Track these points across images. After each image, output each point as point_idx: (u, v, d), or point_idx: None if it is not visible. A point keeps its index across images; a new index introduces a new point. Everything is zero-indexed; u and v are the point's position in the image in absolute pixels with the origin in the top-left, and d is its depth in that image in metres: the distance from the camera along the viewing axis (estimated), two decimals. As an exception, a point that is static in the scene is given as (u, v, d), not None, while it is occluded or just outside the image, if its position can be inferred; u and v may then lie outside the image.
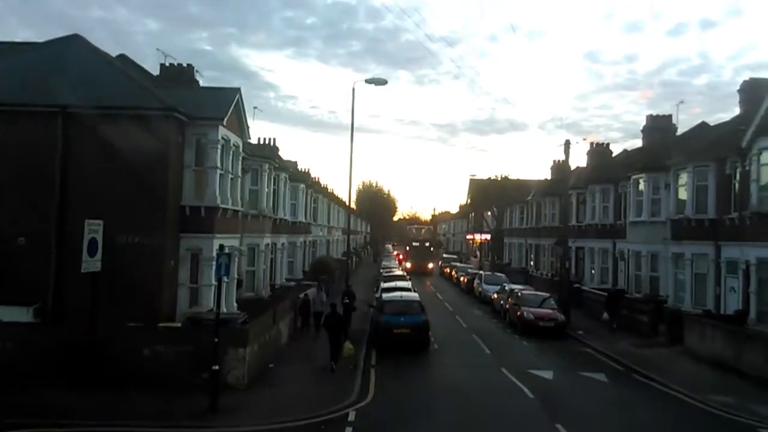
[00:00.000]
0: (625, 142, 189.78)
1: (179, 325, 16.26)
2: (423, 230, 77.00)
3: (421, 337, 20.71)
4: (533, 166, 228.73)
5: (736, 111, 28.57)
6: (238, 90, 19.88)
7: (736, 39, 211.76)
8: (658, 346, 22.17)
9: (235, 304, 20.90)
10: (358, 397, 14.51)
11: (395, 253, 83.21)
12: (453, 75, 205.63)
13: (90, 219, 14.57)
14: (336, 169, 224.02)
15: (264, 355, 16.84)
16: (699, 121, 38.79)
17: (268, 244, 27.34)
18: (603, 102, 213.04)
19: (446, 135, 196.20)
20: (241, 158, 21.11)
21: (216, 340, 13.09)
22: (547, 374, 17.58)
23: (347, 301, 22.93)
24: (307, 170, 52.55)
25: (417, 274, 55.50)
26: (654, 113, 36.20)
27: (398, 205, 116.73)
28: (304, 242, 40.24)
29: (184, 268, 18.08)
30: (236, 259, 20.89)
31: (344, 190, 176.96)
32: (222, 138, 18.75)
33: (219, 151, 18.58)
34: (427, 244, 65.97)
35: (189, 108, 18.21)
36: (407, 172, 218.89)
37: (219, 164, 18.63)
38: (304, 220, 38.78)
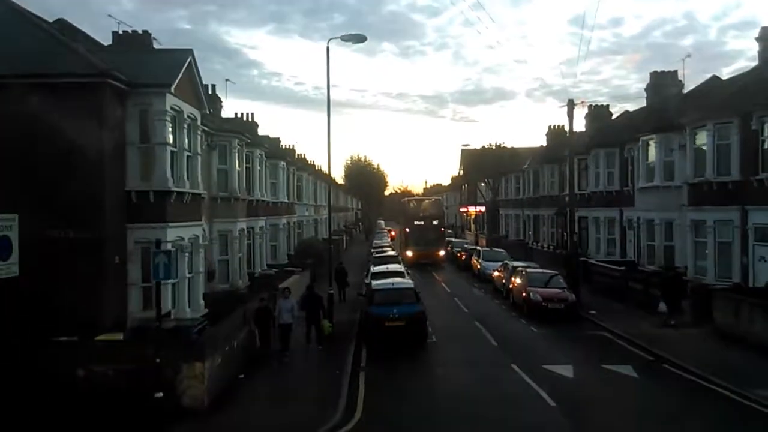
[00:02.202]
0: (614, 107, 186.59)
1: (122, 336, 13.49)
2: (426, 202, 51.36)
3: (417, 330, 18.04)
4: (524, 135, 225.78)
5: (726, 71, 25.85)
6: (189, 51, 16.82)
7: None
8: (684, 327, 19.67)
9: (202, 302, 18.15)
10: (344, 416, 11.86)
11: (388, 229, 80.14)
12: (437, 46, 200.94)
13: (2, 212, 11.75)
14: (323, 145, 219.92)
15: (232, 365, 14.17)
16: (690, 82, 35.55)
17: (242, 230, 24.52)
18: (590, 67, 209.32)
19: (434, 107, 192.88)
20: (200, 133, 18.17)
21: (158, 360, 10.36)
22: (566, 371, 14.99)
23: (331, 291, 20.32)
24: (291, 147, 49.56)
25: (423, 265, 40.85)
26: (658, 70, 33.27)
27: (389, 179, 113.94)
28: (288, 224, 37.40)
29: (134, 264, 15.25)
30: (201, 251, 18.10)
31: (329, 162, 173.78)
32: (171, 108, 15.79)
33: (168, 124, 15.63)
34: (435, 222, 45.97)
35: (131, 74, 15.22)
36: (397, 146, 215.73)
37: (169, 139, 15.69)
38: (286, 200, 35.92)
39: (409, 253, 43.24)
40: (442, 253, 44.35)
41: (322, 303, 18.38)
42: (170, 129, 15.95)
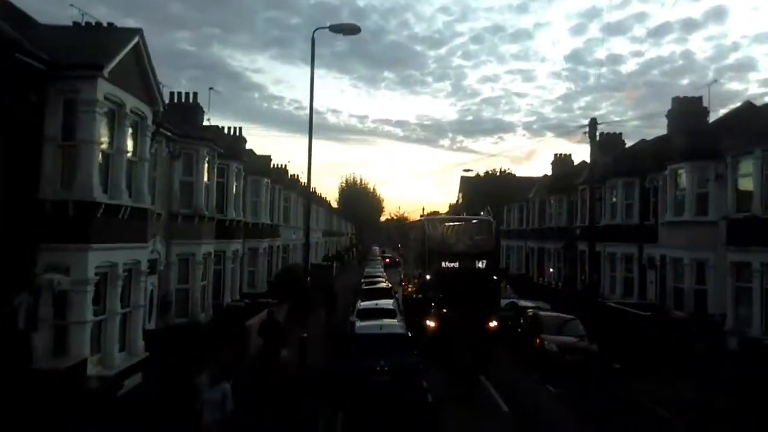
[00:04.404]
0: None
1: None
2: (464, 225, 26.66)
3: (409, 388, 14.30)
4: (522, 166, 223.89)
5: (723, 111, 22.86)
6: (137, 31, 13.50)
7: (718, 41, 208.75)
8: (734, 394, 16.05)
9: (141, 343, 14.52)
10: None
11: (384, 257, 76.42)
12: (438, 76, 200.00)
13: None
14: (320, 169, 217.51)
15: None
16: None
17: (209, 253, 21.03)
18: (587, 103, 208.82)
19: (433, 135, 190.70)
20: (149, 134, 14.76)
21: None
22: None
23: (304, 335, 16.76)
24: (282, 166, 46.30)
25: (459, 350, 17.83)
26: (681, 95, 30.22)
27: (385, 204, 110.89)
28: (270, 248, 33.91)
29: (44, 297, 11.67)
30: (142, 279, 14.57)
31: (327, 189, 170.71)
32: (106, 98, 12.42)
33: (100, 118, 12.23)
34: (482, 263, 24.12)
35: (56, 54, 11.91)
36: (394, 173, 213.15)
37: (100, 138, 12.28)
38: (269, 222, 32.48)
39: (431, 323, 21.93)
40: (493, 323, 22.63)
41: (280, 330, 17.29)
42: (104, 125, 12.55)
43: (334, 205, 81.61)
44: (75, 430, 9.25)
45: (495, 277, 23.80)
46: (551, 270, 40.75)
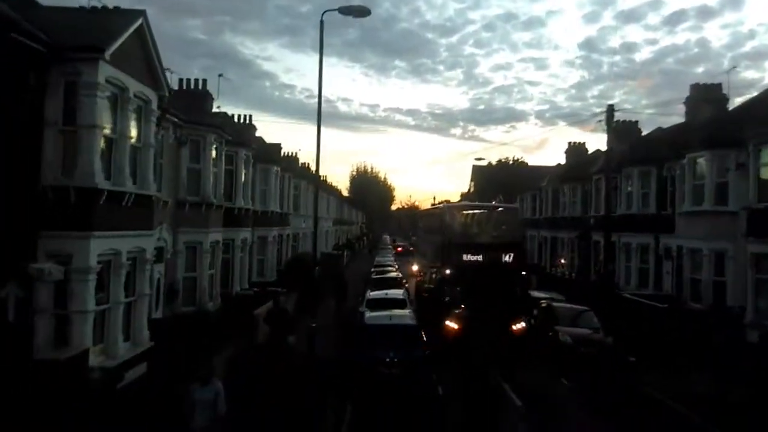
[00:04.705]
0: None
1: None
2: (487, 214, 25.16)
3: (418, 382, 13.94)
4: (535, 155, 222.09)
5: (738, 100, 22.11)
6: (141, 13, 13.13)
7: (735, 28, 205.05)
8: (754, 388, 15.54)
9: (146, 333, 14.27)
10: None
11: (395, 246, 76.06)
12: (449, 64, 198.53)
13: None
14: (331, 158, 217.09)
15: None
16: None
17: (217, 242, 20.77)
18: (600, 92, 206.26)
19: (444, 124, 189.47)
20: (154, 119, 14.42)
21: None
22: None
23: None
24: (293, 155, 45.95)
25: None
26: (700, 82, 29.45)
27: (396, 193, 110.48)
28: (280, 236, 33.68)
29: (44, 286, 11.41)
30: (147, 268, 14.29)
31: (337, 177, 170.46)
32: (108, 82, 12.08)
33: (103, 102, 11.89)
34: (509, 256, 22.36)
35: (58, 35, 11.57)
36: (406, 161, 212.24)
37: (103, 122, 11.95)
38: (279, 210, 32.20)
39: (452, 324, 19.17)
40: (520, 325, 19.64)
41: (288, 318, 17.39)
42: (106, 109, 12.22)
43: (345, 193, 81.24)
44: (72, 424, 8.97)
45: (523, 272, 21.31)
46: (563, 261, 40.18)
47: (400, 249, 72.55)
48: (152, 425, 9.67)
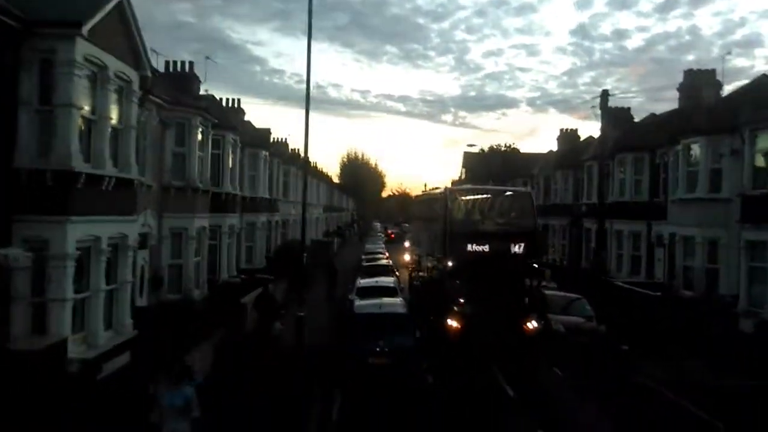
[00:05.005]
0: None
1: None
2: (501, 200, 20.64)
3: (409, 371, 13.65)
4: (526, 142, 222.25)
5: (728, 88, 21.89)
6: (121, -12, 12.57)
7: (726, 16, 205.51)
8: (747, 376, 15.41)
9: (129, 321, 13.83)
10: None
11: (389, 232, 75.72)
12: (441, 50, 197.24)
13: None
14: (322, 144, 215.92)
15: None
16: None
17: (203, 228, 20.30)
18: (592, 79, 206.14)
19: (436, 111, 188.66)
20: (135, 99, 13.88)
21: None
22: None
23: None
24: (282, 140, 45.30)
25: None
26: (696, 68, 29.21)
27: (386, 180, 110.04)
28: (269, 223, 33.20)
29: (21, 272, 10.94)
30: (129, 254, 13.83)
31: (328, 163, 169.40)
32: (86, 59, 11.53)
33: (80, 80, 11.35)
34: (519, 246, 18.43)
35: (33, 10, 11.01)
36: (397, 148, 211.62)
37: (80, 102, 11.42)
38: (267, 196, 31.69)
39: (454, 323, 17.23)
40: (532, 324, 17.60)
41: (276, 304, 18.15)
42: (84, 89, 11.69)
43: (336, 180, 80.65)
44: (48, 417, 8.57)
45: (535, 265, 18.65)
46: (556, 248, 40.02)
47: (393, 235, 72.27)
48: (128, 420, 9.26)
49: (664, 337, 19.83)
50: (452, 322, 16.94)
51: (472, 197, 21.04)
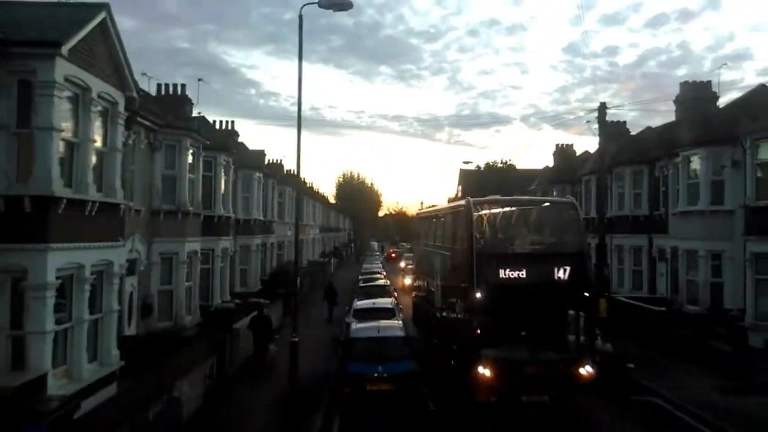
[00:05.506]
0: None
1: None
2: (539, 214, 16.96)
3: (409, 396, 13.07)
4: (520, 159, 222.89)
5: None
6: (104, 6, 12.15)
7: (715, 30, 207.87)
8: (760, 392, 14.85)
9: (115, 352, 13.23)
10: None
11: (391, 251, 75.12)
12: (434, 70, 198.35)
13: None
14: (317, 165, 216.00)
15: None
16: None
17: (195, 252, 19.75)
18: (585, 95, 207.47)
19: (430, 130, 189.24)
20: (121, 122, 13.43)
21: None
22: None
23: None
24: (278, 161, 44.93)
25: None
26: (691, 80, 29.02)
27: (383, 199, 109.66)
28: (264, 245, 32.64)
29: (-2, 303, 10.39)
30: (115, 282, 13.27)
31: (324, 184, 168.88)
32: (67, 80, 11.10)
33: (60, 102, 10.90)
34: (562, 272, 14.29)
35: (11, 30, 10.61)
36: (392, 167, 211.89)
37: (60, 124, 10.95)
38: (262, 218, 31.18)
39: (486, 372, 13.16)
40: (586, 370, 13.78)
41: (270, 326, 18.25)
42: (66, 111, 11.25)
43: (332, 200, 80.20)
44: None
45: (586, 294, 14.36)
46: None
47: (394, 255, 71.71)
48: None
49: (671, 353, 19.32)
50: (483, 371, 13.08)
51: (500, 209, 17.37)
